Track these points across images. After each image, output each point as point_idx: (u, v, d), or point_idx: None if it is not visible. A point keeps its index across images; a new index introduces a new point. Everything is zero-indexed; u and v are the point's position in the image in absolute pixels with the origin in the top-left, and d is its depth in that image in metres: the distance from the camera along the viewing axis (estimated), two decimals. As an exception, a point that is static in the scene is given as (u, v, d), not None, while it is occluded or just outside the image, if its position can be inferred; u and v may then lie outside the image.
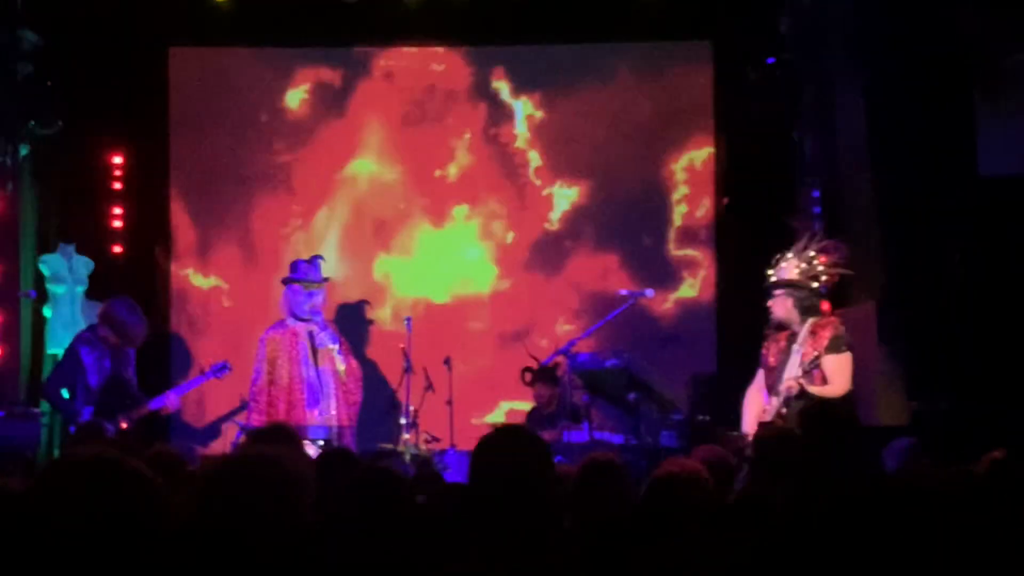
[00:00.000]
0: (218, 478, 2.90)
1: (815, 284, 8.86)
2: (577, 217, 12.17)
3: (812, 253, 8.97)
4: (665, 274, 12.00)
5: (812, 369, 8.30)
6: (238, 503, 2.83)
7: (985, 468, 5.40)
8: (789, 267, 8.92)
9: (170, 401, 9.89)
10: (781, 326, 8.81)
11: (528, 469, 3.96)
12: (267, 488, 2.85)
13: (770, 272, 8.98)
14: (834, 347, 8.50)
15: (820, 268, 8.99)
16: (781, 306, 8.80)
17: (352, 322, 11.66)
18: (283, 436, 5.41)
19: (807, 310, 8.76)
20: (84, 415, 9.52)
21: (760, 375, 8.94)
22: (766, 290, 9.02)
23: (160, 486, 2.74)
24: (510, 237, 12.19)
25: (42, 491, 2.69)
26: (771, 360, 8.78)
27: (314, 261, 10.29)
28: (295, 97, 12.23)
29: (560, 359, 10.03)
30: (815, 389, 8.34)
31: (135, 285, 11.27)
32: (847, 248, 9.20)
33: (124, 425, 9.51)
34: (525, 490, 3.92)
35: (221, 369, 10.15)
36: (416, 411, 10.21)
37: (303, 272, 10.15)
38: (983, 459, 5.52)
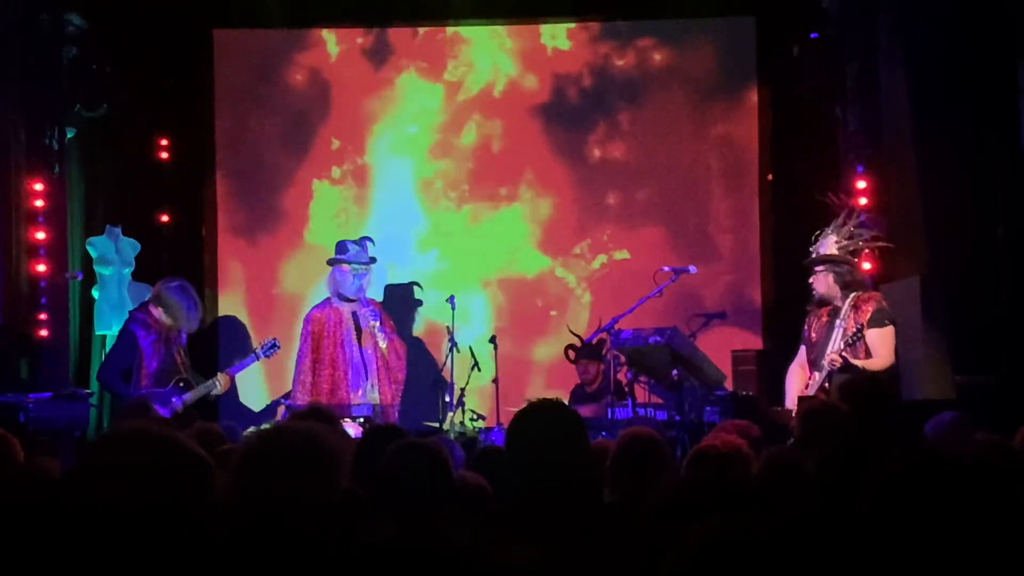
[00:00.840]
0: (253, 452, 2.94)
1: (855, 259, 8.88)
2: (622, 195, 12.17)
3: (851, 228, 8.97)
4: (709, 250, 11.99)
5: (856, 342, 8.31)
6: (272, 475, 2.86)
7: (1021, 440, 5.40)
8: (828, 243, 8.95)
9: (221, 382, 9.96)
10: (823, 302, 8.85)
11: (562, 442, 4.01)
12: (302, 461, 2.88)
13: (810, 249, 9.01)
14: (877, 321, 8.51)
15: (860, 243, 8.99)
16: (822, 282, 8.84)
17: (398, 302, 11.71)
18: (321, 416, 5.47)
19: (848, 285, 8.78)
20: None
21: (802, 351, 8.97)
22: (807, 267, 9.03)
23: (207, 459, 2.78)
24: (556, 215, 12.20)
25: (91, 463, 2.73)
26: (813, 335, 8.81)
27: (362, 242, 10.34)
28: (339, 74, 12.25)
29: (603, 336, 10.06)
30: (858, 362, 8.35)
31: (182, 267, 11.36)
32: (886, 222, 9.17)
33: (178, 408, 9.60)
34: (560, 462, 3.96)
35: (271, 347, 10.22)
36: (462, 390, 10.27)
37: (351, 253, 10.19)
38: (1020, 431, 5.52)
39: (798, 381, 8.88)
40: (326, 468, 2.89)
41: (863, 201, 10.55)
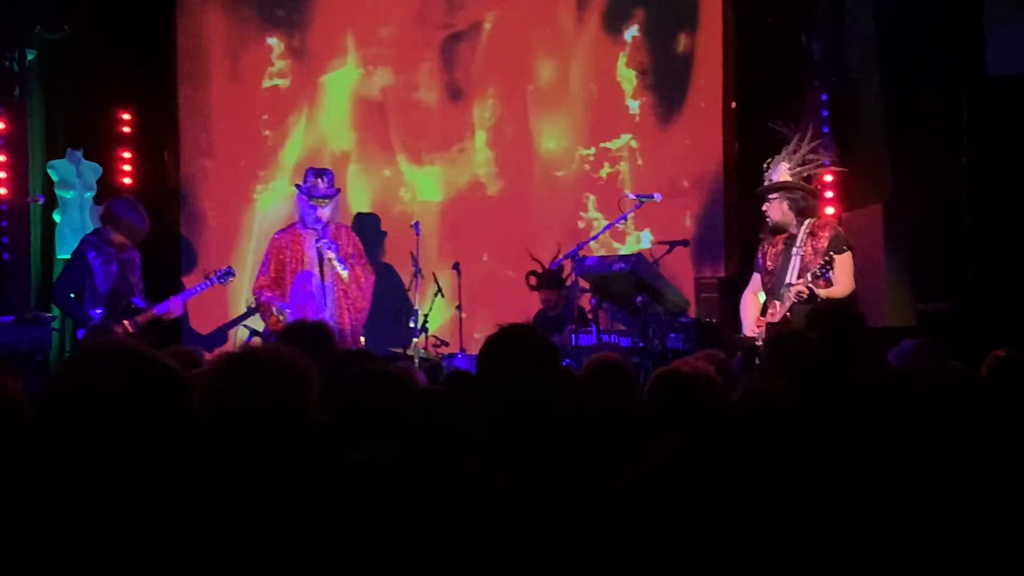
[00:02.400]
0: (223, 372, 2.96)
1: (808, 185, 8.89)
2: (587, 123, 12.16)
3: (803, 155, 8.97)
4: (673, 178, 12.00)
5: (825, 274, 8.29)
6: (244, 394, 2.88)
7: (989, 366, 5.44)
8: (781, 170, 8.92)
9: (174, 306, 9.93)
10: (777, 229, 8.81)
11: (531, 366, 4.01)
12: (269, 380, 2.90)
13: (763, 177, 9.01)
14: (835, 248, 8.50)
15: (813, 169, 9.00)
16: (777, 209, 8.79)
17: (365, 229, 11.66)
18: (305, 333, 5.47)
19: (803, 211, 8.74)
20: (94, 319, 9.58)
21: (756, 279, 8.96)
22: (760, 195, 9.02)
23: (182, 374, 2.79)
24: (520, 143, 12.18)
25: (68, 379, 2.73)
26: (769, 264, 8.79)
27: (325, 175, 10.24)
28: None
29: (566, 263, 10.09)
30: (822, 292, 8.37)
31: (143, 191, 11.30)
32: (836, 146, 9.18)
33: (130, 329, 9.58)
34: (529, 386, 3.97)
35: (225, 275, 10.19)
36: (426, 316, 10.29)
37: (308, 185, 10.13)
38: (987, 357, 5.56)
39: (753, 308, 8.88)
40: (296, 389, 2.91)
41: (825, 130, 10.58)
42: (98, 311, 9.62)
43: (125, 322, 9.60)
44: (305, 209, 10.14)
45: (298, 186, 10.29)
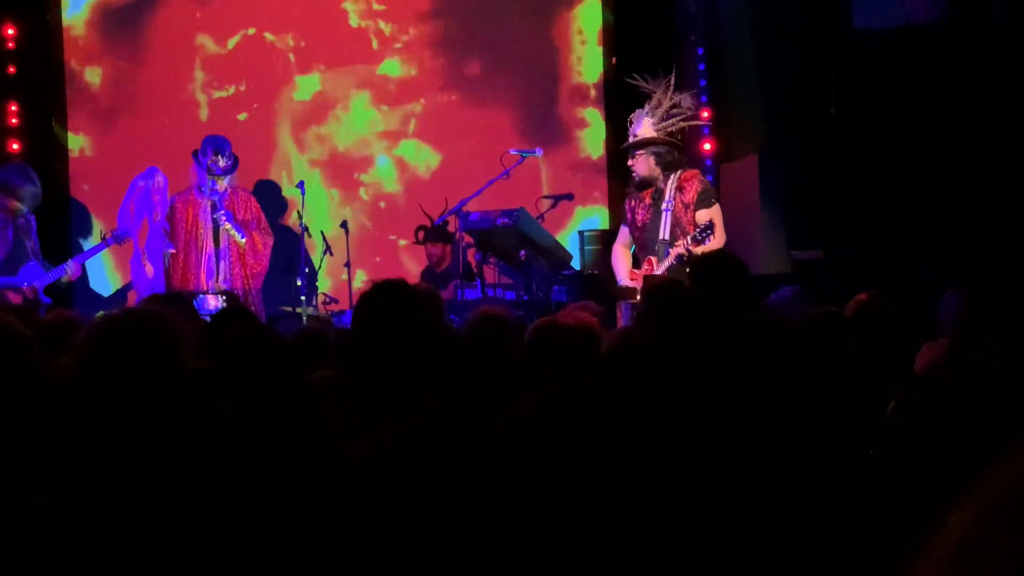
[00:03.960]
0: (98, 333, 3.08)
1: (673, 139, 9.04)
2: (469, 79, 12.29)
3: (667, 109, 9.12)
4: (557, 133, 12.19)
5: (704, 239, 8.40)
6: (116, 355, 3.01)
7: (852, 308, 5.73)
8: (645, 124, 9.05)
9: (72, 269, 9.93)
10: (644, 184, 8.94)
11: (406, 320, 4.07)
12: (144, 341, 3.03)
13: (628, 132, 9.15)
14: (704, 202, 8.68)
15: (677, 123, 9.14)
16: (643, 164, 8.91)
17: (257, 189, 11.66)
18: (178, 300, 5.61)
19: (669, 165, 8.88)
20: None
21: (624, 232, 9.11)
22: (625, 151, 9.18)
23: (28, 336, 2.91)
24: (405, 101, 12.28)
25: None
26: (639, 218, 8.95)
27: (224, 149, 10.19)
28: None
29: (451, 218, 10.23)
30: (698, 249, 8.48)
31: (33, 155, 11.22)
32: (713, 100, 9.33)
33: (29, 294, 9.59)
34: (405, 341, 4.03)
35: (122, 235, 10.18)
36: (316, 274, 10.40)
37: (208, 161, 10.11)
38: (851, 301, 5.85)
39: (624, 261, 9.05)
40: (168, 348, 3.04)
41: (703, 83, 10.83)
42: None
43: (23, 286, 9.61)
44: (202, 177, 10.16)
45: (195, 155, 10.25)
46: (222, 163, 10.10)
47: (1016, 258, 8.61)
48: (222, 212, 10.02)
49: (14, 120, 11.64)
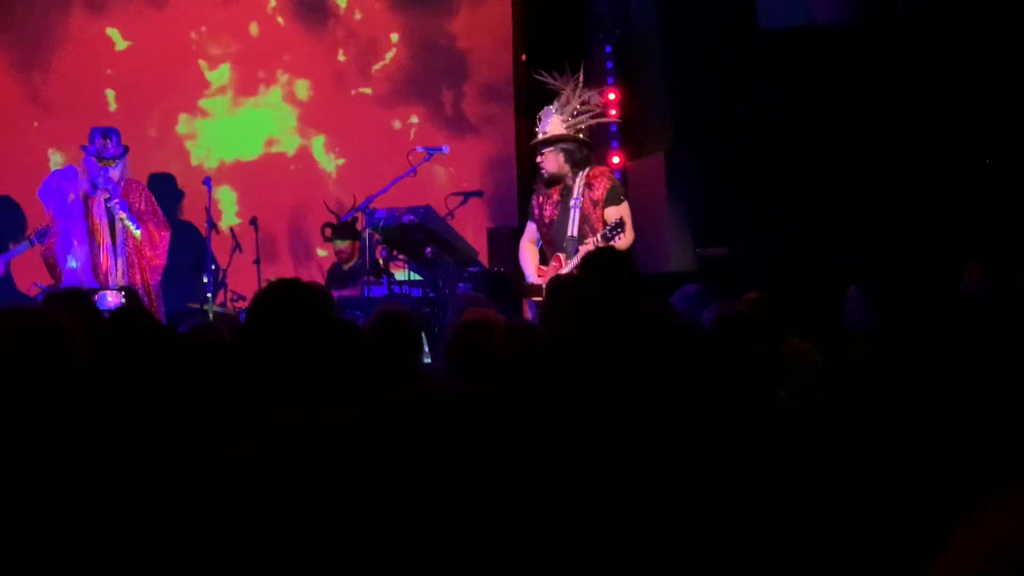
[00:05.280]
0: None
1: (582, 136, 9.09)
2: (379, 76, 12.27)
3: (576, 106, 9.17)
4: (466, 130, 12.21)
5: (614, 236, 8.44)
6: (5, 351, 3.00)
7: (746, 305, 5.78)
8: (554, 122, 9.09)
9: (-6, 269, 9.85)
10: (552, 181, 8.98)
11: (301, 319, 4.08)
12: (27, 339, 3.02)
13: (536, 129, 9.18)
14: (613, 199, 8.73)
15: (586, 120, 9.20)
16: (552, 161, 8.94)
17: (159, 185, 11.58)
18: (74, 297, 5.57)
19: (578, 163, 8.93)
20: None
21: (531, 228, 9.14)
22: (534, 147, 9.22)
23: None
24: (314, 97, 12.24)
25: None
26: (547, 214, 8.98)
27: (110, 135, 10.10)
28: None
29: (358, 215, 10.21)
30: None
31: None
32: (621, 97, 9.36)
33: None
34: (299, 339, 4.03)
35: (45, 234, 10.06)
36: (224, 271, 10.34)
37: (97, 147, 10.00)
38: (743, 298, 5.90)
39: (531, 257, 9.09)
40: (53, 346, 3.03)
41: (611, 81, 10.88)
42: None
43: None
44: (94, 170, 10.02)
45: (84, 148, 10.14)
46: (111, 147, 9.97)
47: (919, 252, 8.74)
48: (116, 201, 9.88)
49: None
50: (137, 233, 9.96)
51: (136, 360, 4.08)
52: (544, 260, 9.00)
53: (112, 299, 8.94)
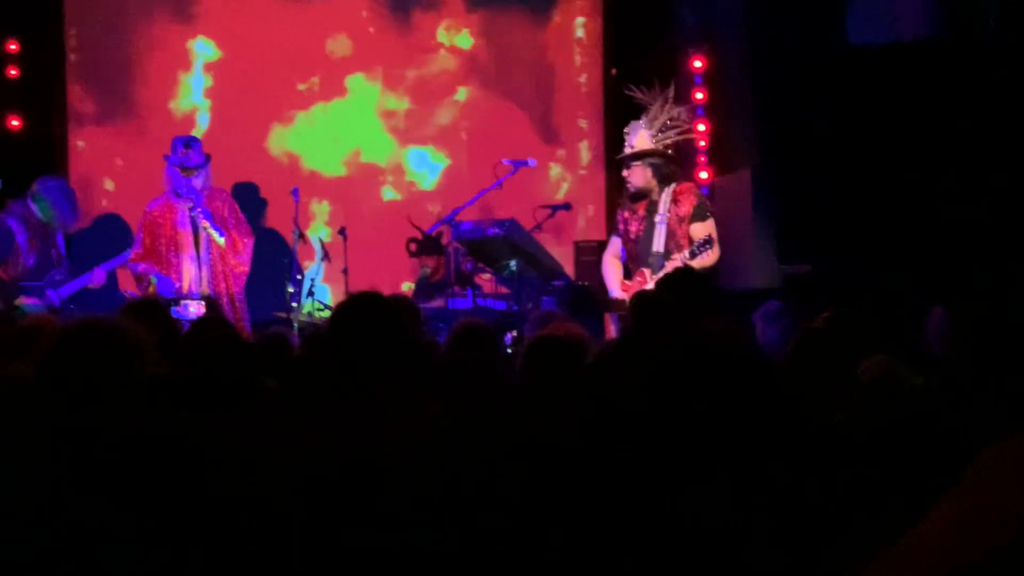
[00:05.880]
0: (59, 339, 3.16)
1: (669, 152, 9.11)
2: (469, 89, 12.34)
3: (664, 121, 9.18)
4: (556, 143, 12.26)
5: (702, 252, 8.46)
6: (73, 360, 3.08)
7: (820, 324, 5.79)
8: (642, 136, 9.12)
9: (96, 277, 9.98)
10: (638, 196, 9.01)
11: (383, 332, 4.13)
12: (100, 349, 3.10)
13: (626, 144, 9.21)
14: (699, 215, 8.74)
15: (674, 136, 9.21)
16: (639, 176, 8.98)
17: (246, 195, 11.70)
18: (150, 307, 5.67)
19: (665, 178, 8.96)
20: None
21: (616, 242, 9.18)
22: (621, 162, 9.24)
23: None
24: (404, 107, 12.33)
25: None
26: (632, 230, 9.00)
27: (192, 144, 10.21)
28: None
29: (443, 228, 10.27)
30: (695, 263, 8.52)
31: (37, 162, 11.20)
32: (709, 113, 9.34)
33: (55, 302, 9.66)
34: (379, 352, 4.08)
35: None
36: (312, 281, 10.43)
37: (179, 157, 10.11)
38: (817, 318, 5.91)
39: (615, 271, 9.12)
40: (126, 355, 3.11)
41: (699, 96, 10.89)
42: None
43: (48, 293, 9.68)
44: (177, 180, 10.13)
45: (167, 157, 10.25)
46: (193, 156, 10.09)
47: (1003, 275, 8.65)
48: (199, 210, 10.01)
49: (15, 123, 11.63)
50: (221, 240, 10.06)
51: (203, 369, 4.15)
52: (628, 275, 9.03)
53: (195, 308, 9.04)
